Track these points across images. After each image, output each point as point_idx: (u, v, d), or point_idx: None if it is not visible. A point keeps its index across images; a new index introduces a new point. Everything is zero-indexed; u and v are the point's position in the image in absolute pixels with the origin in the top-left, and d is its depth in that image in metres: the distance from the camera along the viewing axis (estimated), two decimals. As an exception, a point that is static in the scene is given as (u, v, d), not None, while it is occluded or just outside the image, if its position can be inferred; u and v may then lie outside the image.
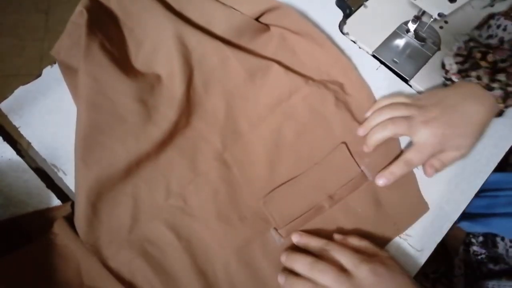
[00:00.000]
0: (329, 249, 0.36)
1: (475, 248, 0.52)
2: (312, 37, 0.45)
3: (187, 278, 0.37)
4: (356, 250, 0.36)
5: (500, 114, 0.41)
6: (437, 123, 0.38)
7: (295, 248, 0.38)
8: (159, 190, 0.40)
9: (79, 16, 0.42)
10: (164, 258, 0.38)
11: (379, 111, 0.41)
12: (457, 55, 0.43)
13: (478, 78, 0.39)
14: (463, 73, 0.41)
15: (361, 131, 0.42)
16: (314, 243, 0.38)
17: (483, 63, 0.39)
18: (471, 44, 0.42)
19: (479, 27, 0.44)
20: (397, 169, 0.39)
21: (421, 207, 0.41)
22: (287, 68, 0.45)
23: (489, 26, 0.43)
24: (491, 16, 0.44)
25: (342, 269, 0.34)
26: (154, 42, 0.44)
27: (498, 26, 0.42)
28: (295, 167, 0.41)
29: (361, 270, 0.34)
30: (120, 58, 0.43)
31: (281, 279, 0.37)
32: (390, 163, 0.40)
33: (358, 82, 0.44)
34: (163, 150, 0.41)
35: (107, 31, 0.44)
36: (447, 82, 0.43)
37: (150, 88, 0.42)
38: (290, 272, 0.36)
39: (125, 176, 0.40)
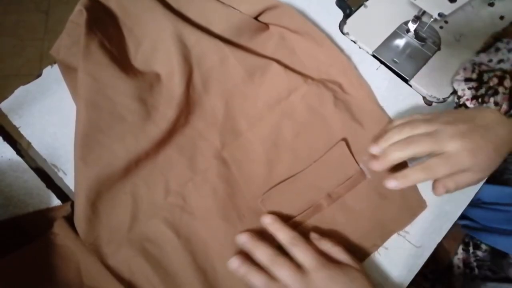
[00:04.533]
0: (295, 244, 0.36)
1: (479, 253, 0.51)
2: (312, 36, 0.45)
3: (186, 276, 0.37)
4: (325, 255, 0.36)
5: None
6: (468, 139, 0.34)
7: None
8: (158, 188, 0.40)
9: (78, 16, 0.42)
10: (163, 256, 0.38)
11: (398, 128, 0.36)
12: (467, 80, 0.41)
13: (496, 104, 0.37)
14: (479, 99, 0.39)
15: (374, 149, 0.36)
16: (282, 234, 0.37)
17: (500, 89, 0.38)
18: (482, 67, 0.40)
19: (485, 50, 0.43)
20: (413, 174, 0.34)
21: (419, 205, 0.41)
22: (286, 67, 0.45)
23: (498, 49, 0.41)
24: (498, 39, 0.42)
25: (301, 268, 0.34)
26: (153, 41, 0.44)
27: (510, 50, 0.41)
28: (294, 166, 0.41)
29: (318, 273, 0.34)
30: (120, 57, 0.43)
31: (235, 263, 0.36)
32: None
33: (357, 82, 0.44)
34: (162, 149, 0.41)
35: (106, 30, 0.44)
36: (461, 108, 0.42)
37: (149, 87, 0.42)
38: (246, 258, 0.36)
39: (124, 175, 0.40)
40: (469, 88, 0.41)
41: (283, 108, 0.43)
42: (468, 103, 0.40)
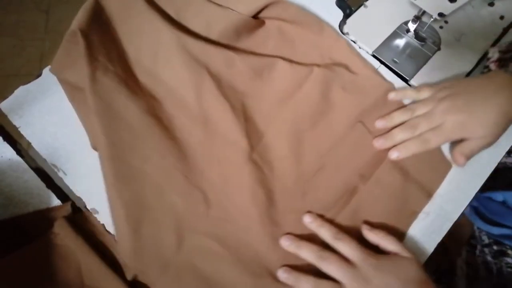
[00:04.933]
0: (339, 239, 0.36)
1: (509, 260, 0.51)
2: (310, 25, 0.46)
3: (241, 286, 0.37)
4: (371, 247, 0.36)
5: None
6: (462, 112, 0.38)
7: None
8: (197, 204, 0.39)
9: (73, 35, 0.41)
10: (215, 271, 0.37)
11: (401, 111, 0.42)
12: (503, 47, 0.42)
13: None
14: (502, 62, 0.40)
15: (380, 123, 0.42)
16: (325, 230, 0.37)
17: None
18: None
19: None
20: (413, 145, 0.40)
21: (445, 165, 0.42)
22: (290, 61, 0.45)
23: None
24: None
25: (347, 261, 0.35)
26: (157, 53, 0.44)
27: None
28: (320, 155, 0.42)
29: (366, 264, 0.34)
30: (125, 76, 0.43)
31: (283, 274, 0.36)
32: None
33: (361, 61, 0.45)
34: (192, 162, 0.41)
35: (107, 50, 0.43)
36: (484, 70, 0.43)
37: (161, 102, 0.42)
38: (292, 268, 0.37)
39: (160, 195, 0.39)
40: (499, 51, 0.42)
41: (295, 101, 0.43)
42: (491, 65, 0.42)
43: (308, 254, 0.36)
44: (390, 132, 0.41)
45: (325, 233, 0.37)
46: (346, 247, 0.36)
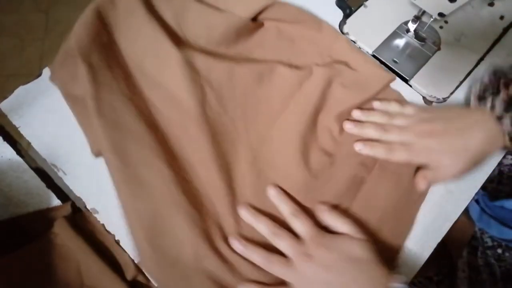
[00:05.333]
0: (296, 216, 0.38)
1: None
2: (309, 24, 0.46)
3: None
4: (326, 228, 0.37)
5: (509, 150, 0.39)
6: (435, 139, 0.39)
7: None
8: (206, 214, 0.39)
9: (73, 47, 0.41)
10: (238, 280, 0.37)
11: (381, 114, 0.42)
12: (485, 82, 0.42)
13: (492, 106, 0.38)
14: (481, 97, 0.40)
15: (356, 114, 0.43)
16: (285, 205, 0.39)
17: (503, 93, 0.38)
18: (498, 75, 0.41)
19: None
20: (379, 148, 0.40)
21: None
22: (290, 65, 0.45)
23: None
24: None
25: (300, 238, 0.36)
26: (159, 66, 0.43)
27: None
28: (324, 152, 0.42)
29: (312, 240, 0.36)
30: (130, 93, 0.42)
31: (238, 244, 0.37)
32: None
33: (362, 57, 0.45)
34: (199, 173, 0.40)
35: (108, 64, 0.42)
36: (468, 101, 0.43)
37: (166, 115, 0.42)
38: (247, 240, 0.38)
39: (171, 204, 0.38)
40: (480, 85, 0.41)
41: (296, 102, 0.43)
42: (472, 99, 0.41)
43: (264, 228, 0.38)
44: (362, 123, 0.42)
45: (285, 209, 0.38)
46: (299, 224, 0.37)
